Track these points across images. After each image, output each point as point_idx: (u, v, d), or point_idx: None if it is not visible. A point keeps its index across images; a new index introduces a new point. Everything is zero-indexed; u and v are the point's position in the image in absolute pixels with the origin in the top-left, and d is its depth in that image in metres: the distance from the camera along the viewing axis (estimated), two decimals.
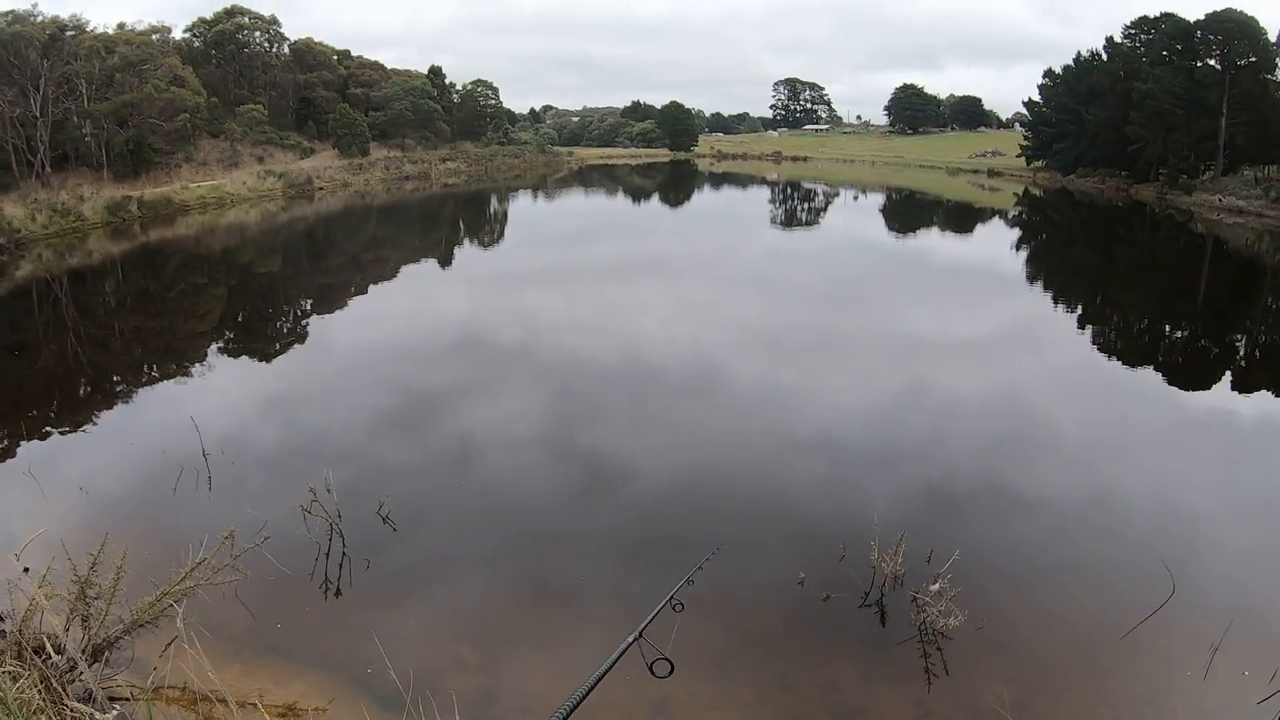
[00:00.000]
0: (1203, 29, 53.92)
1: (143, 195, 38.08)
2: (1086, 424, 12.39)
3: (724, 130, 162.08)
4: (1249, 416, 13.34)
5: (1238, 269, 31.49)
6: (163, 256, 29.76)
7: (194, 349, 16.93)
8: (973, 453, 10.89)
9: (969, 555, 7.23)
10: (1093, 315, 22.20)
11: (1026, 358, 16.49)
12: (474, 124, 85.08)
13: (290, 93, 65.99)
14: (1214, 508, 9.37)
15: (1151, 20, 58.90)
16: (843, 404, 12.97)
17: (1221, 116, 51.38)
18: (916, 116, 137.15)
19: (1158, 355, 18.08)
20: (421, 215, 47.81)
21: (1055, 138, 68.69)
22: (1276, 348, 19.36)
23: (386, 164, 64.97)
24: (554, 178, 77.13)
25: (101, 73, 41.05)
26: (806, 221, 46.66)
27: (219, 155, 51.79)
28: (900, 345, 16.66)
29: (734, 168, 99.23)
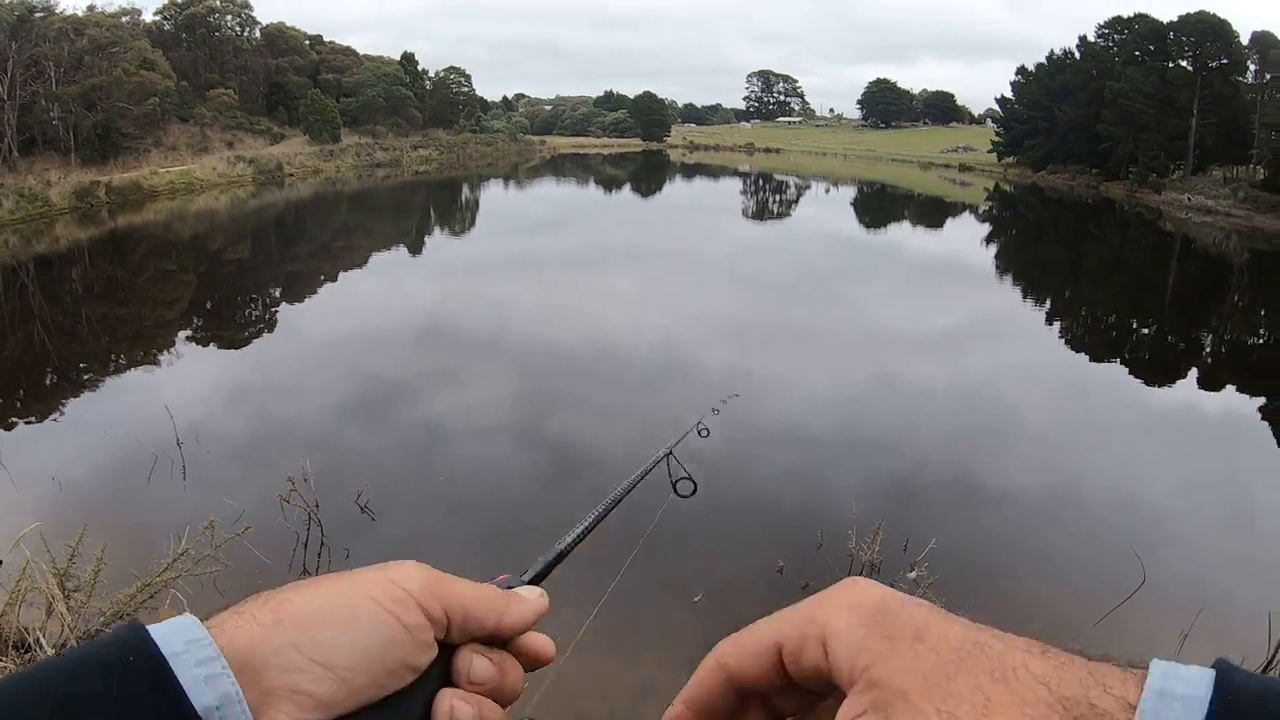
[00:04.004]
0: (1175, 30, 54.50)
1: (111, 180, 37.60)
2: (1057, 417, 12.53)
3: (697, 121, 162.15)
4: (1215, 410, 13.55)
5: (1205, 267, 31.88)
6: (131, 243, 29.45)
7: (163, 336, 16.76)
8: (946, 445, 10.99)
9: (945, 544, 7.29)
10: (1062, 311, 22.40)
11: (997, 352, 16.63)
12: (446, 111, 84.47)
13: (261, 78, 65.24)
14: (1182, 498, 9.53)
15: (1125, 20, 59.39)
16: (814, 394, 13.03)
17: (1192, 117, 51.94)
18: (889, 111, 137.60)
19: (1126, 351, 18.29)
20: (393, 203, 47.52)
21: (1027, 134, 69.13)
22: (1241, 344, 19.63)
23: (358, 151, 64.49)
24: (526, 166, 76.81)
25: (70, 55, 40.52)
26: (778, 214, 46.84)
27: (189, 140, 51.23)
28: (871, 337, 16.77)
29: (706, 159, 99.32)
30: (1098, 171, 59.67)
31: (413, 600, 0.64)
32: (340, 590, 0.63)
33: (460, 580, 0.68)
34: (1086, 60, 62.43)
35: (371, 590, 0.63)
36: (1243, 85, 52.91)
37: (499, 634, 0.69)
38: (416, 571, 0.66)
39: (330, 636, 0.60)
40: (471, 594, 0.68)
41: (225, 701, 0.55)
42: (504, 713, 0.68)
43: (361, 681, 0.60)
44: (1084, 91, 59.46)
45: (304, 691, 0.58)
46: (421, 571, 0.67)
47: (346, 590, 0.63)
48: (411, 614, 0.63)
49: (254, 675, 0.57)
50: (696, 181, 70.85)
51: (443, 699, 0.65)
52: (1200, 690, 0.45)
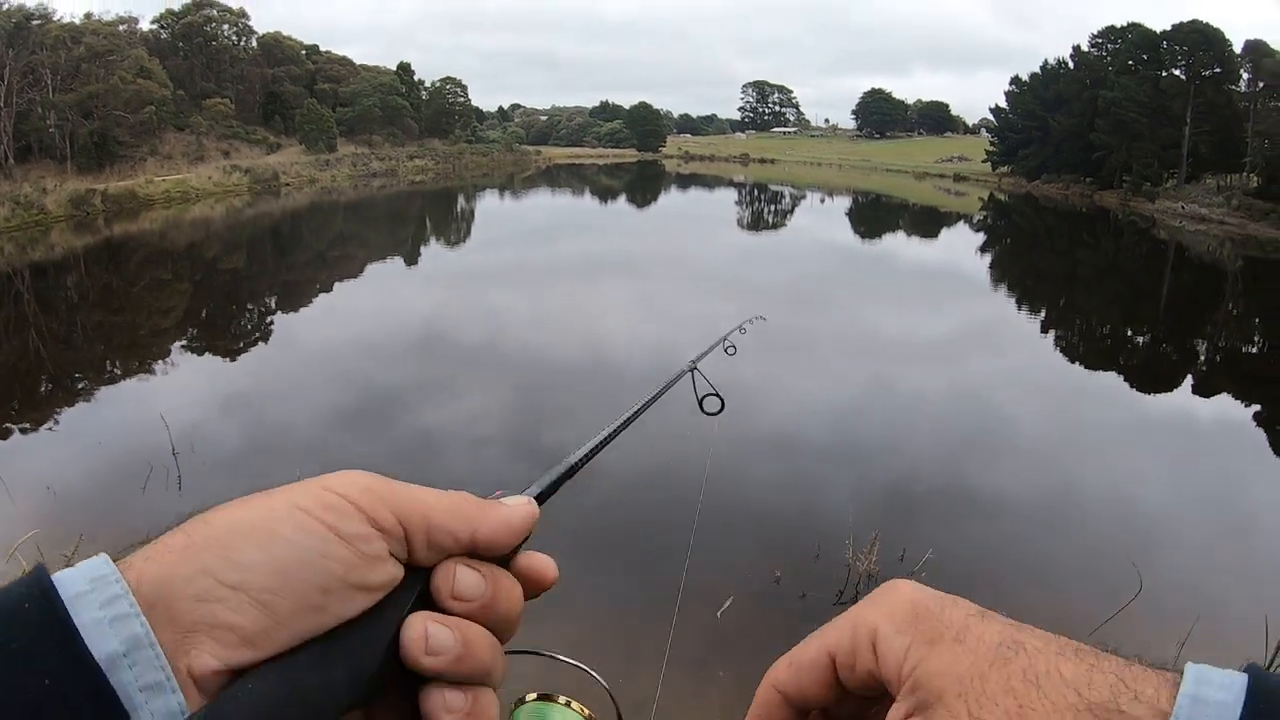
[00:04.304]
0: (1169, 39, 54.76)
1: (107, 189, 37.52)
2: (1053, 425, 12.54)
3: (692, 131, 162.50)
4: (1210, 418, 13.56)
5: (1199, 275, 31.93)
6: (127, 251, 29.38)
7: (158, 345, 16.72)
8: (941, 453, 10.98)
9: (941, 554, 7.30)
10: (1056, 319, 22.43)
11: (992, 360, 16.64)
12: (442, 122, 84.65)
13: (257, 87, 65.35)
14: (1178, 507, 9.54)
15: (1118, 30, 59.73)
16: (807, 403, 13.02)
17: (1185, 126, 52.17)
18: (884, 121, 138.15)
19: (1121, 359, 18.31)
20: (389, 213, 47.48)
21: (1021, 144, 69.40)
22: (1236, 352, 19.66)
23: (354, 161, 64.44)
24: (521, 177, 76.84)
25: (67, 63, 40.56)
26: (773, 224, 46.86)
27: (184, 149, 51.24)
28: (866, 346, 16.77)
29: (701, 169, 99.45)
30: (1092, 180, 59.87)
31: (351, 506, 0.54)
32: (263, 502, 0.54)
33: (420, 487, 0.59)
34: (1080, 70, 62.73)
35: (299, 498, 0.54)
36: (1236, 94, 53.18)
37: (477, 547, 0.59)
38: (360, 476, 0.57)
39: (245, 555, 0.51)
40: (434, 500, 0.58)
41: (133, 645, 0.47)
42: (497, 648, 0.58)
43: (288, 605, 0.51)
44: (1078, 101, 59.71)
45: (224, 624, 0.49)
46: (366, 476, 0.57)
47: (270, 501, 0.54)
48: (350, 521, 0.54)
49: (168, 612, 0.49)
50: (692, 192, 70.92)
51: (414, 622, 0.55)
52: (1233, 695, 0.45)
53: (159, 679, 0.47)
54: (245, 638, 0.49)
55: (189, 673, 0.48)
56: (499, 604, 0.58)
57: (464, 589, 0.57)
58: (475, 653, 0.56)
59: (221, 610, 0.49)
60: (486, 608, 0.57)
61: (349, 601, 0.53)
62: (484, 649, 0.56)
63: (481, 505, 0.60)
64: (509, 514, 0.60)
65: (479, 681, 0.57)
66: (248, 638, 0.49)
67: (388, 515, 0.55)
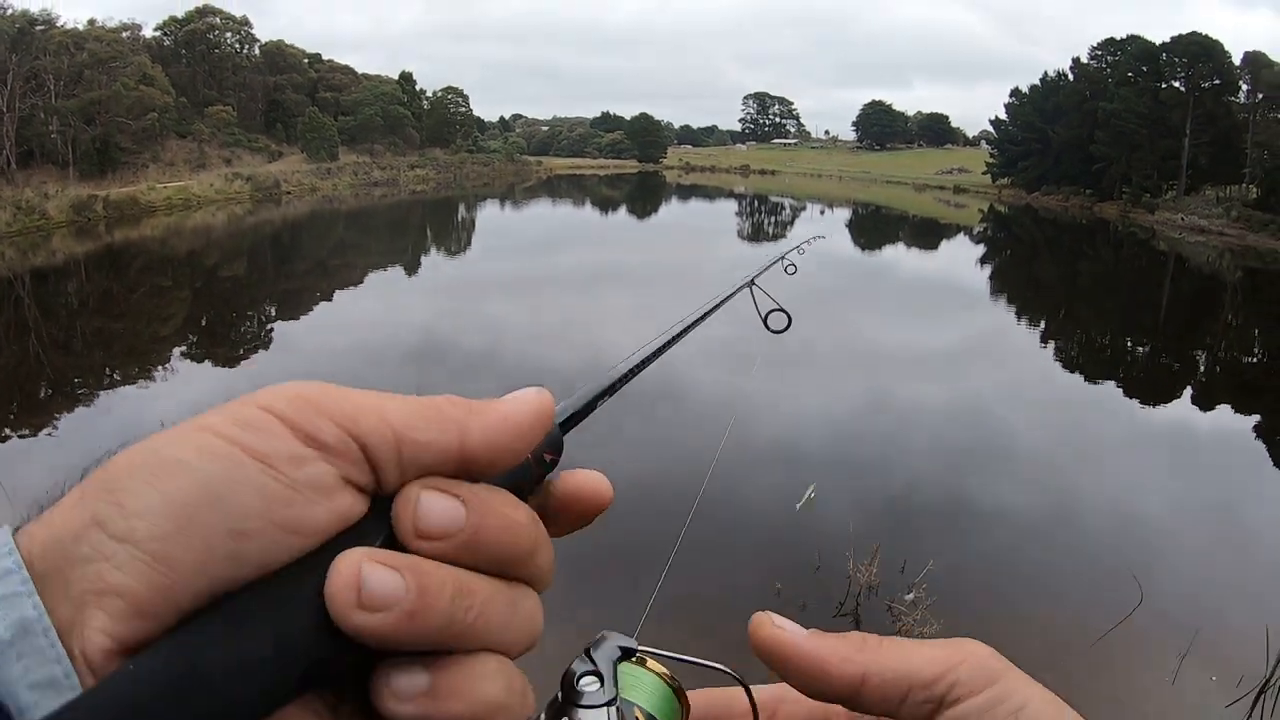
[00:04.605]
0: (1168, 51, 54.96)
1: (109, 195, 37.58)
2: (1053, 437, 12.53)
3: (692, 143, 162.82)
4: (1210, 430, 13.57)
5: (1199, 286, 31.97)
6: (127, 258, 29.42)
7: (158, 352, 16.72)
8: (941, 465, 10.97)
9: (942, 566, 7.29)
10: (1056, 331, 22.44)
11: (992, 371, 16.64)
12: (443, 131, 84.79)
13: (259, 95, 65.48)
14: (1179, 519, 9.53)
15: (1118, 42, 59.94)
16: (807, 414, 13.02)
17: (1185, 137, 52.31)
18: (884, 133, 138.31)
19: (1120, 370, 18.31)
20: (389, 222, 47.53)
21: (1021, 156, 69.56)
22: (1236, 363, 19.67)
23: (355, 169, 64.57)
24: (522, 187, 76.93)
25: (70, 69, 40.66)
26: (773, 235, 46.90)
27: (186, 156, 51.34)
28: (865, 357, 16.77)
29: (702, 180, 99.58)
30: (1091, 192, 59.99)
31: (276, 421, 0.40)
32: (169, 432, 0.40)
33: (382, 393, 0.44)
34: (1080, 82, 62.91)
35: (209, 419, 0.40)
36: (1235, 105, 53.37)
37: (470, 462, 0.43)
38: (296, 386, 0.42)
39: (134, 496, 0.38)
40: (400, 405, 0.43)
41: (21, 631, 0.36)
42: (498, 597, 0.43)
43: (189, 557, 0.37)
44: (1077, 112, 59.85)
45: (110, 588, 0.36)
46: (301, 384, 0.42)
47: (177, 429, 0.40)
48: (272, 439, 0.39)
49: (62, 581, 0.37)
50: (692, 203, 70.97)
51: (343, 562, 0.38)
52: None
53: (53, 674, 0.36)
54: (136, 604, 0.36)
55: (84, 658, 0.36)
56: (492, 537, 0.42)
57: (431, 520, 0.41)
58: (436, 604, 0.40)
59: (107, 570, 0.37)
60: (472, 545, 0.42)
61: (279, 548, 0.38)
62: (457, 597, 0.41)
63: (469, 404, 0.45)
64: (511, 408, 0.45)
65: (456, 647, 0.41)
66: (138, 604, 0.36)
67: (329, 428, 0.40)
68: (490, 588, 0.42)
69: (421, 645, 0.40)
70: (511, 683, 0.43)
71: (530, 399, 0.45)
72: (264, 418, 0.40)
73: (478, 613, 0.41)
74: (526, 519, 0.44)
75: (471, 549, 0.41)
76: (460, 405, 0.44)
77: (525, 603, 0.45)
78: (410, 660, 0.40)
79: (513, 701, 0.43)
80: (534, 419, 0.45)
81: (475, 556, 0.42)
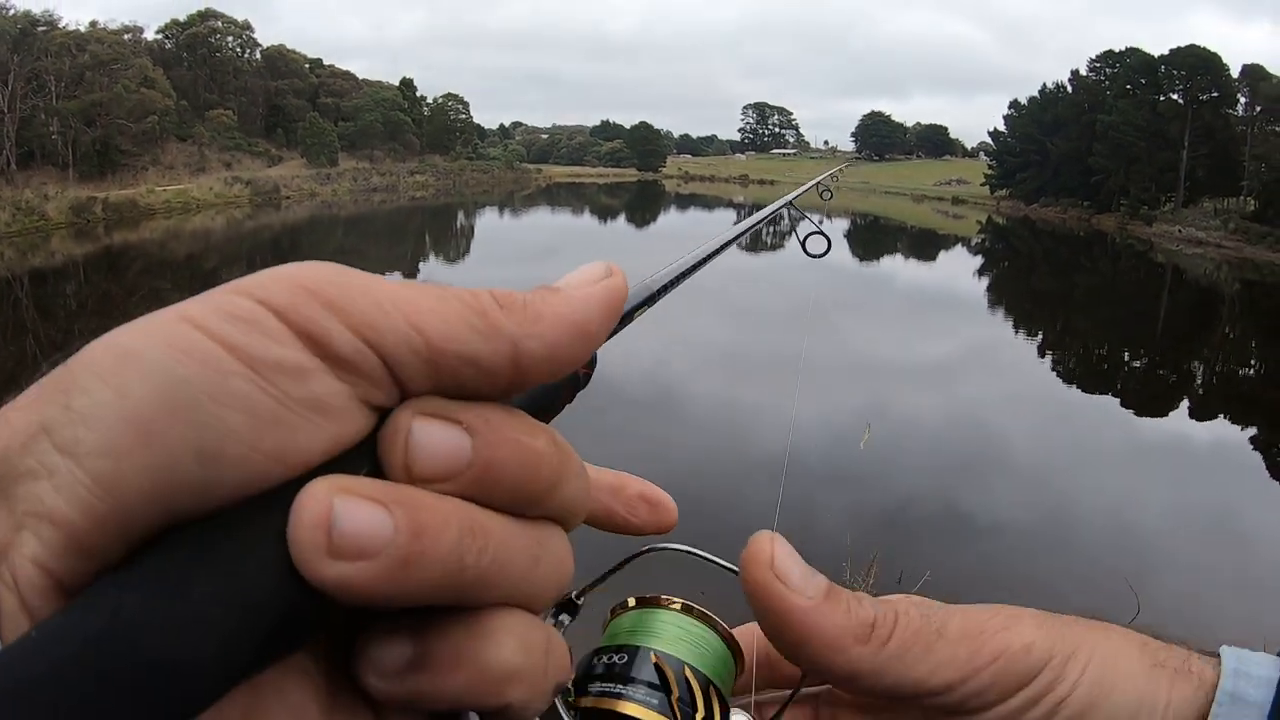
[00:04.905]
0: (1167, 63, 55.13)
1: (108, 197, 37.66)
2: (1050, 447, 12.56)
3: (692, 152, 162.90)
4: (1207, 441, 13.59)
5: (1197, 298, 32.03)
6: (126, 260, 29.45)
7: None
8: (939, 475, 10.99)
9: (938, 576, 7.28)
10: (1054, 342, 22.46)
11: (990, 382, 16.67)
12: (443, 138, 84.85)
13: (260, 99, 65.53)
14: (1176, 530, 9.57)
15: (1117, 54, 60.11)
16: (805, 425, 13.02)
17: (1183, 149, 52.45)
18: (883, 143, 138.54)
19: (1118, 382, 18.34)
20: (389, 228, 47.55)
21: (1019, 167, 69.62)
22: (1233, 375, 19.71)
23: (355, 175, 64.51)
24: (521, 194, 76.92)
25: (71, 70, 40.81)
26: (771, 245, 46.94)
27: (186, 160, 51.40)
28: (863, 367, 16.79)
29: (701, 189, 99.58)
30: (1089, 204, 60.05)
31: (274, 318, 0.29)
32: (140, 320, 0.30)
33: (415, 286, 0.34)
34: (1078, 94, 63.03)
35: (190, 307, 0.30)
36: (1233, 118, 53.53)
37: (524, 374, 0.33)
38: (303, 271, 0.31)
39: (87, 398, 0.28)
40: (433, 302, 0.33)
41: None
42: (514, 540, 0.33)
43: (139, 482, 0.27)
44: (1076, 125, 59.96)
45: (45, 512, 0.27)
46: (315, 270, 0.31)
47: (150, 317, 0.30)
48: (266, 340, 0.29)
49: (4, 501, 0.28)
50: (691, 212, 70.98)
51: (309, 494, 0.28)
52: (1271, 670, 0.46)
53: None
54: (71, 536, 0.27)
55: (20, 597, 0.27)
56: (507, 473, 0.32)
57: (427, 457, 0.31)
58: (436, 548, 0.29)
59: (45, 490, 0.28)
60: (480, 482, 0.32)
61: (258, 480, 0.29)
62: (465, 537, 0.30)
63: (524, 303, 0.34)
64: (579, 309, 0.34)
65: (464, 603, 0.32)
66: (75, 536, 0.27)
67: (342, 334, 0.30)
68: (508, 526, 0.33)
69: (418, 602, 0.30)
70: (529, 640, 0.34)
71: (601, 289, 0.35)
72: (259, 312, 0.30)
73: (491, 557, 0.32)
74: (547, 445, 0.34)
75: (480, 486, 0.32)
76: (513, 307, 0.34)
77: (552, 543, 0.35)
78: (393, 626, 0.32)
79: (531, 664, 0.33)
80: (604, 317, 0.35)
81: (485, 494, 0.32)
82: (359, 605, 0.29)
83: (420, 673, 0.31)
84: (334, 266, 0.32)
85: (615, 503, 0.48)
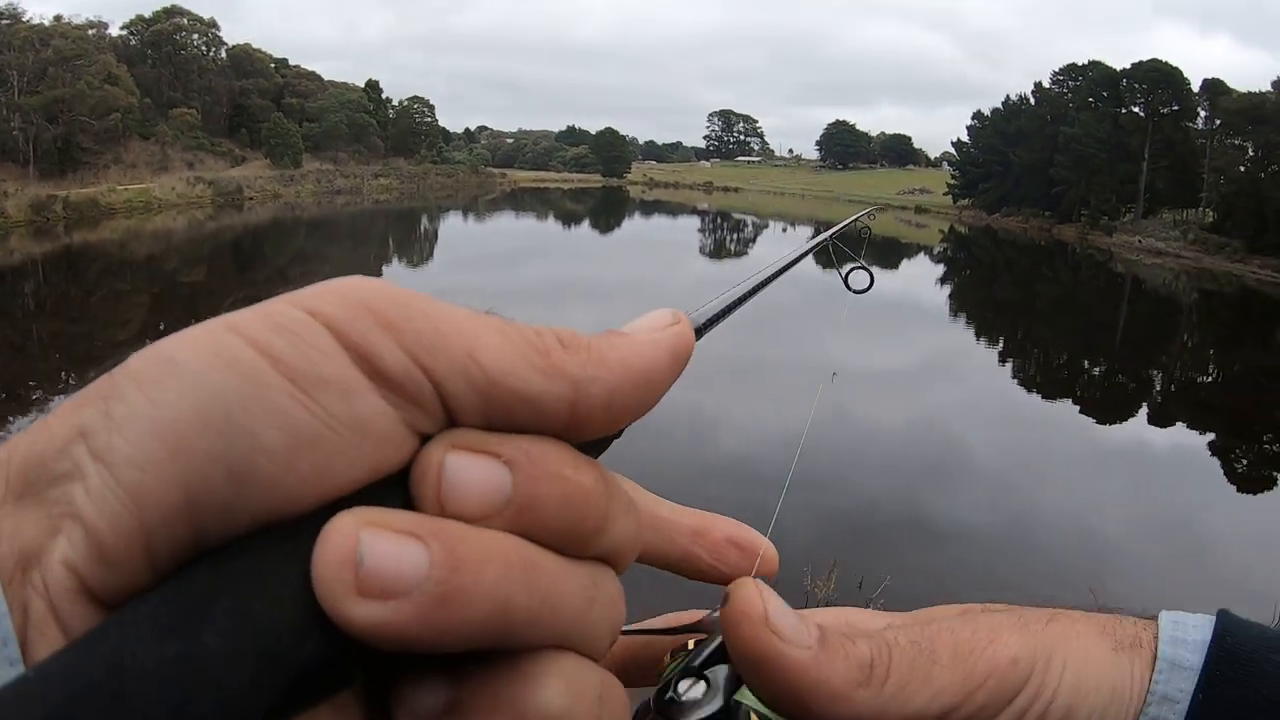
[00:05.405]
0: (1128, 77, 55.88)
1: (69, 195, 37.23)
2: (1010, 454, 12.68)
3: (657, 158, 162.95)
4: (1165, 447, 13.77)
5: (1155, 307, 32.46)
6: (86, 260, 29.12)
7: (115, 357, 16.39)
8: (899, 481, 11.07)
9: (899, 581, 7.34)
10: (1015, 350, 22.68)
11: (951, 389, 16.78)
12: (408, 141, 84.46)
13: (225, 99, 64.82)
14: (1134, 533, 9.68)
15: (1080, 68, 60.88)
16: (765, 431, 13.05)
17: (1143, 161, 53.16)
18: (847, 152, 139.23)
19: (1078, 389, 18.53)
20: (351, 231, 47.30)
21: (982, 177, 70.21)
22: (1191, 383, 19.97)
23: (318, 177, 64.05)
24: (486, 199, 76.65)
25: (34, 65, 40.23)
26: (735, 252, 47.09)
27: (148, 159, 50.77)
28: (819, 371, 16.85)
29: (666, 196, 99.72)
30: (1050, 214, 60.65)
31: (324, 331, 0.28)
32: (190, 330, 0.29)
33: (478, 316, 0.31)
34: (1041, 106, 63.72)
35: (239, 318, 0.28)
36: (1193, 131, 54.35)
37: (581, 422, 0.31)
38: (360, 286, 0.30)
39: (124, 404, 0.27)
40: (499, 341, 0.30)
41: None
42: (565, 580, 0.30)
43: (168, 496, 0.26)
44: (1038, 136, 60.58)
45: (74, 512, 0.26)
46: (373, 287, 0.30)
47: (199, 326, 0.29)
48: (314, 355, 0.27)
49: (39, 504, 0.27)
50: (655, 218, 71.05)
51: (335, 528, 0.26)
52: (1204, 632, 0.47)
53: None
54: (99, 545, 0.26)
55: (49, 601, 0.26)
56: (550, 512, 0.29)
57: (462, 494, 0.28)
58: (478, 584, 0.27)
59: (78, 492, 0.27)
60: (521, 522, 0.29)
61: (293, 504, 0.27)
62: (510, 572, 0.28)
63: (589, 346, 0.32)
64: (646, 357, 0.32)
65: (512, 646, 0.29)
66: (101, 546, 0.26)
67: (395, 354, 0.28)
68: (559, 563, 0.30)
69: (463, 647, 0.28)
70: (580, 685, 0.30)
71: (669, 336, 0.34)
72: (310, 324, 0.28)
73: (543, 596, 0.29)
74: (595, 482, 0.31)
75: (522, 525, 0.29)
76: (578, 349, 0.31)
77: (606, 585, 0.32)
78: (429, 667, 0.29)
79: (581, 711, 0.30)
80: (670, 366, 0.33)
81: (529, 534, 0.29)
82: (396, 650, 0.27)
83: (456, 717, 0.29)
84: (397, 286, 0.30)
85: (699, 548, 0.45)
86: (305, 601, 0.25)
